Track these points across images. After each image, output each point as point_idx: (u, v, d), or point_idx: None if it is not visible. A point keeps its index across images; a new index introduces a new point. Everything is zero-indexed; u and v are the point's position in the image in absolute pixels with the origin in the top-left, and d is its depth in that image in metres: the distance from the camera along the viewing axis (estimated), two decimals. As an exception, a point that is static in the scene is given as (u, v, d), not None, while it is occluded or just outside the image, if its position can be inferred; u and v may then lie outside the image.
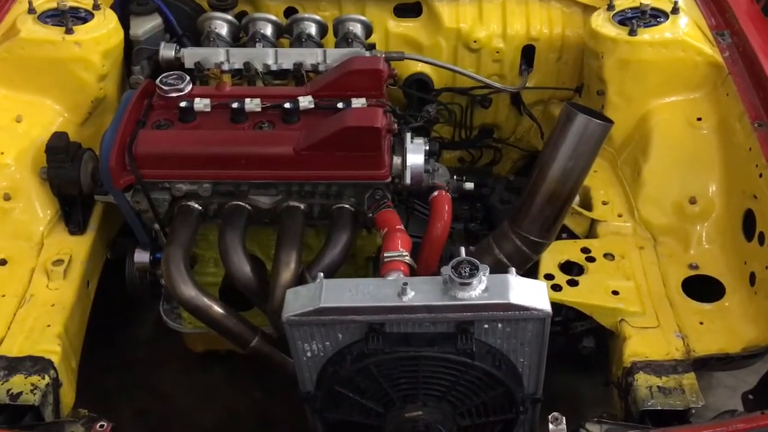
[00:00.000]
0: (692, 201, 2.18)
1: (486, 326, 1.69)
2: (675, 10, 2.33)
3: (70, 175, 2.15)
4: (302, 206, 2.07)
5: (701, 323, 1.99)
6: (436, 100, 2.64)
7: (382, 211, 2.02)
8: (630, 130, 2.37)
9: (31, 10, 2.35)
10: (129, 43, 2.47)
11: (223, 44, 2.39)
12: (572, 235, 2.28)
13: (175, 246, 1.98)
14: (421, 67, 2.72)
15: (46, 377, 1.89)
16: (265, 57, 2.28)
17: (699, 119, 2.27)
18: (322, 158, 1.97)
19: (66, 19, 2.31)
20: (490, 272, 1.69)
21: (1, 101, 2.29)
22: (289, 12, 2.65)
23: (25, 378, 1.88)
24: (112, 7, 2.48)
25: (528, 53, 2.70)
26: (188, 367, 2.78)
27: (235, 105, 2.05)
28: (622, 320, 2.01)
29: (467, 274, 1.62)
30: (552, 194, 1.91)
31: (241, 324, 2.00)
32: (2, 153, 2.21)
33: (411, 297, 1.64)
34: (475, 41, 2.66)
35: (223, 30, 2.42)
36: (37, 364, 1.91)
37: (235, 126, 2.05)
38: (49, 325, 2.01)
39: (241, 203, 2.07)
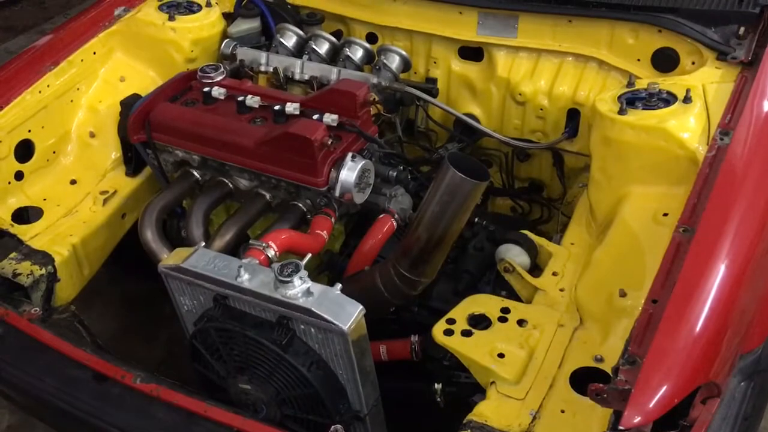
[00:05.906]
0: (622, 294, 2.05)
1: (303, 327, 1.86)
2: (687, 99, 2.18)
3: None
4: (268, 195, 2.39)
5: (563, 411, 1.90)
6: (462, 137, 2.75)
7: (316, 216, 2.27)
8: (608, 209, 2.27)
9: None
10: None
11: (284, 51, 2.78)
12: (513, 294, 2.27)
13: (159, 198, 2.43)
14: (471, 107, 2.85)
15: (44, 269, 2.41)
16: (294, 67, 2.62)
17: (665, 215, 2.11)
18: (272, 155, 2.26)
19: (176, 9, 2.87)
20: (366, 292, 1.86)
21: (117, 62, 2.89)
22: (370, 37, 2.95)
23: (30, 265, 2.41)
24: (235, 8, 3.01)
25: (575, 117, 2.68)
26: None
27: (240, 98, 2.43)
28: (493, 382, 2.00)
29: (287, 273, 1.82)
30: (421, 236, 1.99)
31: None
32: (100, 101, 2.83)
33: (244, 279, 1.88)
34: (520, 94, 2.71)
35: (291, 40, 2.80)
36: (44, 258, 2.44)
37: (238, 116, 2.43)
38: (71, 235, 2.56)
39: (224, 180, 2.45)
